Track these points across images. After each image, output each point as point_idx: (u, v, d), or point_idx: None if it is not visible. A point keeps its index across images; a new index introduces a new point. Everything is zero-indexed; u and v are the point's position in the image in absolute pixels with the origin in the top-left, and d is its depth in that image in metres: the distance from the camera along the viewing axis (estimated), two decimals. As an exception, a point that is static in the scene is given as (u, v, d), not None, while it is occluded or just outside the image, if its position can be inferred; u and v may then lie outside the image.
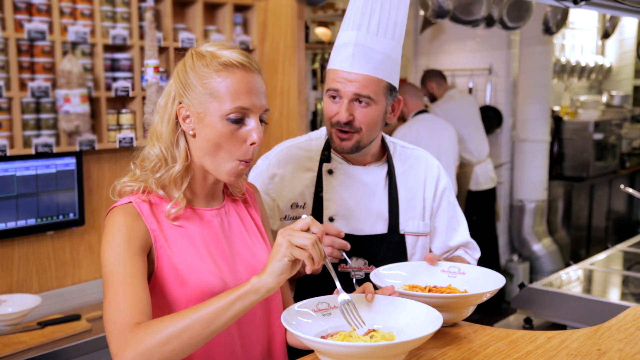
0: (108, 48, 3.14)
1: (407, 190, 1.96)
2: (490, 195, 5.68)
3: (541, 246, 6.13)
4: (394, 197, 1.93)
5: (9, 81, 2.78)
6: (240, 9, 3.72)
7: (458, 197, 5.38)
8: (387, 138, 2.02)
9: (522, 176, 6.15)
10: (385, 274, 1.70)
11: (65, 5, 2.95)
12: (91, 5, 3.03)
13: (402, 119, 5.10)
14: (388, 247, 1.91)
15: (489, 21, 4.16)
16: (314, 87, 5.65)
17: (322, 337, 1.38)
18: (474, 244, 2.10)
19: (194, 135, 1.48)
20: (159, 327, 1.27)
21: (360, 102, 1.79)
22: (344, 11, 5.58)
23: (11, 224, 2.90)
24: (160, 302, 1.45)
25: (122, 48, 3.19)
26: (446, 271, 1.76)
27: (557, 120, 6.50)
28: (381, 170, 1.95)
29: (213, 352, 1.49)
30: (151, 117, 2.38)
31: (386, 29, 1.80)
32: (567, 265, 4.57)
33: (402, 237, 1.93)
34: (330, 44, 5.72)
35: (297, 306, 1.44)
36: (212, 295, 1.45)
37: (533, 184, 6.12)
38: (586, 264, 3.04)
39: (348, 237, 1.85)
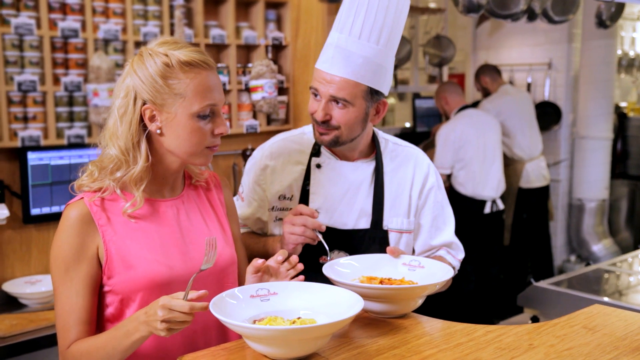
0: (139, 45, 3.31)
1: (394, 187, 1.99)
2: (542, 193, 5.54)
3: (601, 247, 5.92)
4: (379, 194, 1.96)
5: (44, 76, 2.99)
6: (273, 5, 3.81)
7: (507, 194, 5.29)
8: (380, 134, 2.05)
9: (581, 174, 5.97)
10: (338, 264, 1.74)
11: (98, 5, 3.13)
12: (123, 4, 3.20)
13: (445, 117, 5.05)
14: (370, 242, 1.94)
15: (531, 15, 4.06)
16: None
17: (254, 322, 1.44)
18: (458, 244, 2.10)
19: (161, 134, 1.56)
20: (86, 358, 1.50)
21: (337, 102, 1.83)
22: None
23: (46, 209, 3.11)
24: (111, 289, 1.57)
25: (154, 45, 3.34)
26: (407, 264, 1.79)
27: (621, 116, 6.25)
28: (368, 167, 1.98)
29: (167, 339, 1.56)
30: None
31: (370, 33, 1.80)
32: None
33: (385, 233, 1.96)
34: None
35: (236, 290, 1.51)
36: (160, 283, 1.56)
37: (593, 182, 5.92)
38: (604, 264, 2.96)
39: (331, 231, 1.91)
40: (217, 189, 1.79)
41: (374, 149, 2.01)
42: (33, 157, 2.99)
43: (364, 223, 1.95)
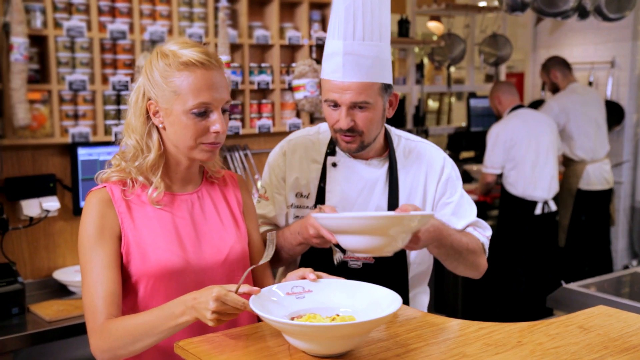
0: (185, 45, 3.43)
1: (409, 183, 2.02)
2: (604, 197, 5.33)
3: (665, 252, 5.71)
4: (393, 191, 1.99)
5: (93, 76, 3.15)
6: (318, 6, 3.87)
7: (565, 194, 5.17)
8: (393, 131, 2.08)
9: (645, 177, 5.77)
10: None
11: (146, 7, 3.27)
12: (169, 7, 3.33)
13: (499, 117, 4.98)
14: None
15: (582, 13, 3.96)
16: (417, 81, 5.67)
17: (292, 319, 1.45)
18: (483, 222, 2.07)
19: (163, 128, 1.67)
20: (121, 332, 1.54)
21: (358, 107, 1.87)
22: (457, 6, 5.53)
23: (95, 203, 3.27)
24: (127, 275, 1.67)
25: (199, 45, 3.46)
26: None
27: (689, 117, 5.99)
28: (383, 165, 2.02)
29: None
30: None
31: (372, 32, 1.84)
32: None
33: None
34: (442, 37, 5.70)
35: (274, 287, 1.55)
36: (170, 272, 1.64)
37: (658, 185, 5.71)
38: (642, 268, 2.87)
39: None
40: (234, 187, 1.87)
41: (387, 147, 2.04)
42: (83, 153, 3.15)
43: None
